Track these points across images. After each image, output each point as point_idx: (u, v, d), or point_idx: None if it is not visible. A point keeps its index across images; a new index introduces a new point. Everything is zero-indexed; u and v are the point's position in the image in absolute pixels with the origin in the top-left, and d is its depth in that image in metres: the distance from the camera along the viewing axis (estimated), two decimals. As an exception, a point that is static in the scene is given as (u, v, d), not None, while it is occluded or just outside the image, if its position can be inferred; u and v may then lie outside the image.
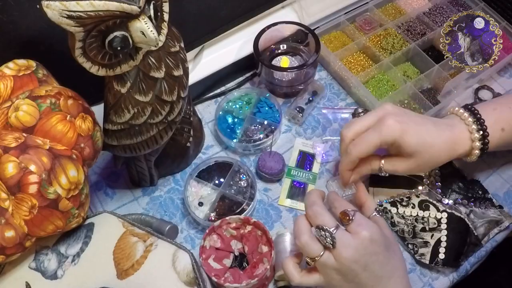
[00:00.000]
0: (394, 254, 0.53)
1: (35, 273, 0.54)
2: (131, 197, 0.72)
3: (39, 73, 0.54)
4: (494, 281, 0.89)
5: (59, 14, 0.40)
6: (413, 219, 0.65)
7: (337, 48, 0.84)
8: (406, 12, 0.88)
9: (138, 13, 0.44)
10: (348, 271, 0.50)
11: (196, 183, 0.70)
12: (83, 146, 0.53)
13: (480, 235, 0.64)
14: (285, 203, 0.71)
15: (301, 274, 0.53)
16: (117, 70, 0.50)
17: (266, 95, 0.78)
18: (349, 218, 0.51)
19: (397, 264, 0.53)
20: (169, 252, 0.55)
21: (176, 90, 0.56)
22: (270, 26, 0.79)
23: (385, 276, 0.51)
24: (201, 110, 0.81)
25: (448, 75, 0.78)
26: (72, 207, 0.51)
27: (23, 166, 0.47)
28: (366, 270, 0.50)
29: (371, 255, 0.50)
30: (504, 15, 0.84)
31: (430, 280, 0.63)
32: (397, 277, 0.52)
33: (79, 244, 0.56)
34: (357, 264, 0.49)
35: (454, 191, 0.68)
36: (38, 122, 0.50)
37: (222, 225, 0.62)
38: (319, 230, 0.50)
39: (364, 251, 0.49)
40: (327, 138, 0.76)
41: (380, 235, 0.51)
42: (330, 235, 0.49)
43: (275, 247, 0.60)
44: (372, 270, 0.50)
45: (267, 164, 0.70)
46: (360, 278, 0.50)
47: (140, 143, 0.58)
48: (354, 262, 0.49)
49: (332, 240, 0.49)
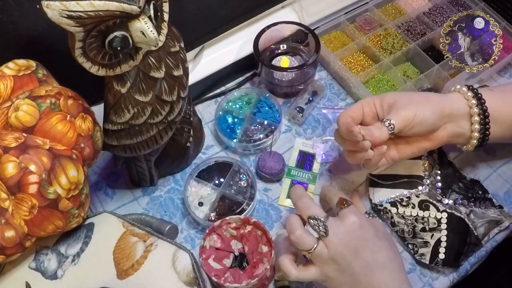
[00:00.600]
0: (388, 247, 0.54)
1: (35, 273, 0.54)
2: (131, 197, 0.72)
3: (39, 73, 0.54)
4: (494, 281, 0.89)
5: (59, 14, 0.40)
6: (413, 219, 0.65)
7: (337, 48, 0.84)
8: (406, 12, 0.88)
9: (138, 13, 0.44)
10: (340, 258, 0.51)
11: (196, 183, 0.70)
12: (83, 146, 0.53)
13: (480, 235, 0.64)
14: (285, 203, 0.71)
15: (298, 269, 0.54)
16: (117, 70, 0.50)
17: (266, 95, 0.78)
18: (345, 203, 0.55)
19: (392, 257, 0.53)
20: (169, 252, 0.55)
21: (176, 90, 0.56)
22: (270, 26, 0.79)
23: (378, 266, 0.51)
24: (201, 110, 0.81)
25: (448, 75, 0.78)
26: (72, 207, 0.51)
27: (23, 166, 0.47)
28: (357, 257, 0.51)
29: (360, 239, 0.52)
30: (504, 15, 0.84)
31: (430, 280, 0.63)
32: (392, 270, 0.52)
33: (79, 244, 0.56)
34: (347, 248, 0.51)
35: (454, 191, 0.68)
36: (38, 122, 0.50)
37: (222, 225, 0.62)
38: (312, 220, 0.52)
39: (353, 233, 0.52)
40: (327, 138, 0.76)
41: (369, 224, 0.54)
42: (322, 223, 0.51)
43: (275, 247, 0.60)
44: (363, 257, 0.51)
45: (267, 164, 0.70)
46: (354, 267, 0.51)
47: (140, 143, 0.58)
48: (343, 245, 0.51)
49: (325, 227, 0.51)
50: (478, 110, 0.60)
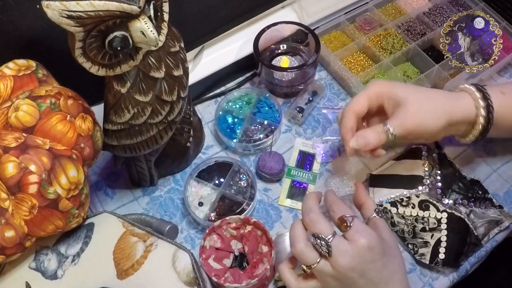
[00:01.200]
0: (393, 258, 0.52)
1: (35, 273, 0.54)
2: (131, 197, 0.72)
3: (39, 73, 0.54)
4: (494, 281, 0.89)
5: (59, 14, 0.40)
6: (413, 219, 0.65)
7: (337, 48, 0.84)
8: (406, 12, 0.88)
9: (138, 13, 0.44)
10: (345, 279, 0.49)
11: (196, 183, 0.70)
12: (83, 146, 0.53)
13: (480, 235, 0.64)
14: (285, 203, 0.71)
15: (298, 280, 0.53)
16: (117, 70, 0.50)
17: (266, 95, 0.78)
18: (346, 224, 0.50)
19: (396, 268, 0.52)
20: (169, 252, 0.55)
21: (176, 90, 0.56)
22: (270, 26, 0.79)
23: (383, 281, 0.51)
24: (201, 110, 0.81)
25: (448, 75, 0.78)
26: (72, 207, 0.51)
27: (23, 166, 0.47)
28: (363, 277, 0.49)
29: (368, 262, 0.49)
30: (504, 15, 0.84)
31: (430, 280, 0.63)
32: (396, 281, 0.52)
33: (79, 244, 0.56)
34: (354, 272, 0.49)
35: (454, 191, 0.68)
36: (38, 122, 0.50)
37: (222, 225, 0.62)
38: (315, 239, 0.49)
39: (361, 258, 0.49)
40: (327, 138, 0.76)
41: (378, 242, 0.50)
42: (326, 244, 0.48)
43: (275, 247, 0.60)
44: (369, 277, 0.50)
45: (267, 164, 0.70)
46: (358, 285, 0.49)
47: (140, 143, 0.58)
48: (351, 270, 0.48)
49: (328, 248, 0.48)
50: (484, 122, 0.59)
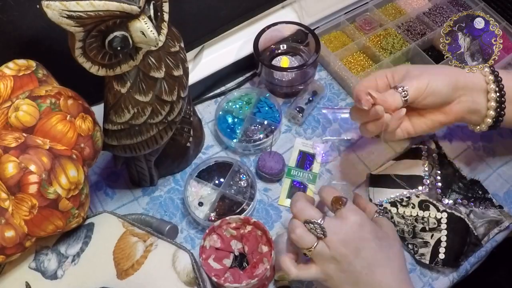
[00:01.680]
0: (389, 247, 0.54)
1: (35, 273, 0.54)
2: (131, 197, 0.72)
3: (39, 73, 0.54)
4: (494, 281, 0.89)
5: (59, 14, 0.40)
6: (413, 219, 0.65)
7: (337, 48, 0.84)
8: (406, 12, 0.88)
9: (138, 13, 0.44)
10: (341, 257, 0.50)
11: (196, 183, 0.70)
12: (83, 146, 0.53)
13: (480, 235, 0.64)
14: (285, 203, 0.71)
15: (298, 267, 0.54)
16: (117, 70, 0.50)
17: (266, 95, 0.78)
18: (342, 202, 0.53)
19: (392, 256, 0.53)
20: (169, 252, 0.55)
21: (176, 90, 0.56)
22: (270, 26, 0.79)
23: (378, 264, 0.51)
24: (201, 110, 0.81)
25: (448, 75, 0.78)
26: (72, 207, 0.51)
27: (23, 166, 0.47)
28: (358, 256, 0.51)
29: (360, 239, 0.51)
30: (504, 15, 0.84)
31: (430, 280, 0.63)
32: (393, 268, 0.52)
33: (79, 244, 0.56)
34: (348, 248, 0.50)
35: (454, 191, 0.68)
36: (38, 122, 0.50)
37: (222, 225, 0.62)
38: (308, 224, 0.51)
39: (353, 234, 0.51)
40: (327, 138, 0.76)
41: (369, 223, 0.53)
42: (319, 226, 0.51)
43: (275, 247, 0.60)
44: (364, 256, 0.51)
45: (267, 164, 0.70)
46: (354, 265, 0.50)
47: (140, 143, 0.58)
48: (344, 245, 0.50)
49: (322, 229, 0.50)
50: (495, 86, 0.59)
